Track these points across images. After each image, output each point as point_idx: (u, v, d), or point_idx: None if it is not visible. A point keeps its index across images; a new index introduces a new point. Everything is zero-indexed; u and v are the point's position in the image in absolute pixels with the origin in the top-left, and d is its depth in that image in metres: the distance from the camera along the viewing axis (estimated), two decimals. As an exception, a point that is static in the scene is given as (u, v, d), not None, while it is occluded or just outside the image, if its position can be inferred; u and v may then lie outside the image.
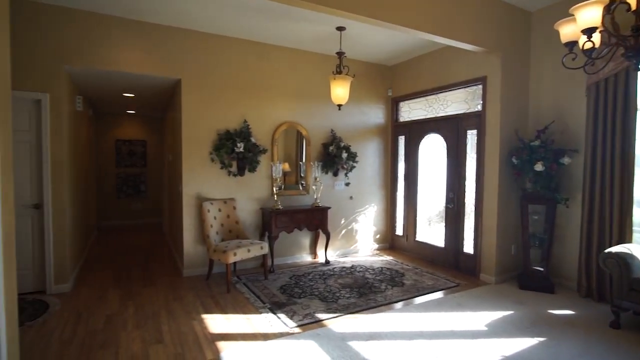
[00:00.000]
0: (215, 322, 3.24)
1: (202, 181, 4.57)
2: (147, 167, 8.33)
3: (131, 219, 8.24)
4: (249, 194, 4.87)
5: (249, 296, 3.86)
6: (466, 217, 4.80)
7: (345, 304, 3.64)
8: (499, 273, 4.32)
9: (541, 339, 2.92)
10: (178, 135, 4.74)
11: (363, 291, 4.00)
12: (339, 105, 4.51)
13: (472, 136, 4.69)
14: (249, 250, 4.13)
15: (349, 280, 4.38)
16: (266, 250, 4.35)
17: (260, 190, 4.95)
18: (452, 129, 4.92)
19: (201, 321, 3.26)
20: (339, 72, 4.41)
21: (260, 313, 3.44)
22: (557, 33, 2.30)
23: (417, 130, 5.53)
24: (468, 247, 4.76)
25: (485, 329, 3.12)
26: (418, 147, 5.51)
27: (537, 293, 3.93)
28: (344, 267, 4.90)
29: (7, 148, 2.11)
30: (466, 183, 4.78)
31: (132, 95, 5.67)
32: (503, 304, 3.67)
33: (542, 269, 4.06)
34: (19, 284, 3.82)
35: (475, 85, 4.57)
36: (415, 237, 5.61)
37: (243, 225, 4.71)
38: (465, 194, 4.78)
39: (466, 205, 4.79)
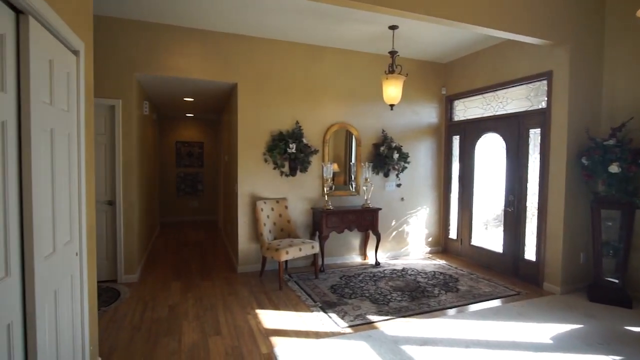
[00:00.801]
0: (269, 318, 3.34)
1: (256, 181, 4.74)
2: (204, 167, 8.79)
3: (189, 215, 8.74)
4: (300, 193, 4.95)
5: (300, 294, 3.93)
6: (527, 221, 4.50)
7: (396, 307, 3.58)
8: (565, 283, 4.00)
9: (616, 358, 2.67)
10: (234, 136, 4.95)
11: (415, 295, 3.91)
12: (391, 105, 4.45)
13: (534, 135, 4.39)
14: (300, 249, 4.21)
15: (400, 283, 4.30)
16: (317, 249, 4.40)
17: (311, 190, 5.01)
18: (512, 127, 4.65)
19: (255, 316, 3.38)
20: (392, 72, 4.35)
21: (312, 311, 3.49)
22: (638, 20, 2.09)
23: (473, 129, 5.29)
24: (529, 253, 4.46)
25: (551, 342, 2.91)
26: (474, 147, 5.27)
27: (610, 307, 3.60)
28: (394, 270, 4.82)
29: (90, 152, 2.34)
30: (528, 185, 4.48)
31: (192, 99, 6.02)
32: (571, 316, 3.39)
33: (616, 281, 3.70)
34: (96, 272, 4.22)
35: (539, 80, 4.28)
36: (470, 241, 5.37)
37: (294, 224, 4.80)
38: (527, 197, 4.49)
39: (528, 209, 4.49)
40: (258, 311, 3.49)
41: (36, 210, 1.53)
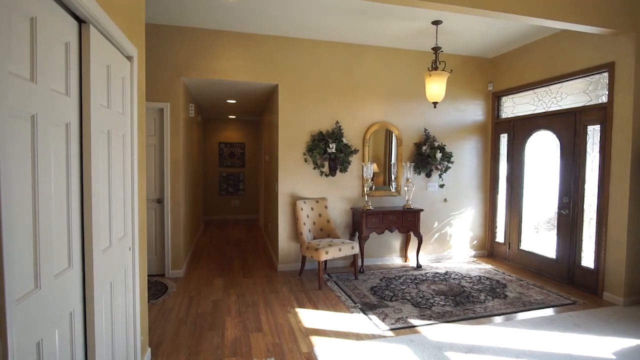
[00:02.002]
0: (309, 317, 3.35)
1: (296, 181, 4.78)
2: (245, 167, 9.03)
3: (230, 214, 9.01)
4: (340, 193, 4.94)
5: (339, 294, 3.91)
6: (585, 225, 4.18)
7: (440, 312, 3.45)
8: (629, 294, 3.67)
9: (693, 378, 2.40)
10: (275, 137, 5.03)
11: (459, 300, 3.75)
12: (435, 103, 4.31)
13: (593, 132, 4.07)
14: (340, 249, 4.19)
15: (443, 287, 4.15)
16: (357, 250, 4.36)
17: (351, 190, 4.98)
18: (567, 124, 4.34)
19: (295, 314, 3.40)
20: (435, 68, 4.22)
21: (352, 312, 3.45)
22: None
23: (522, 127, 5.00)
24: (587, 260, 4.14)
25: (613, 357, 2.67)
26: (524, 145, 4.98)
27: (684, 321, 3.25)
28: (437, 273, 4.66)
29: (142, 152, 2.46)
30: (585, 187, 4.16)
31: (234, 101, 6.20)
32: (637, 330, 3.10)
33: (691, 293, 3.33)
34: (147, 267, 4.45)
35: (599, 73, 3.96)
36: (519, 245, 5.08)
37: (334, 224, 4.79)
38: (584, 199, 4.17)
39: (585, 212, 4.17)
40: (298, 310, 3.51)
41: (95, 206, 1.63)
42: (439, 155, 5.02)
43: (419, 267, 4.91)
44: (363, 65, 4.93)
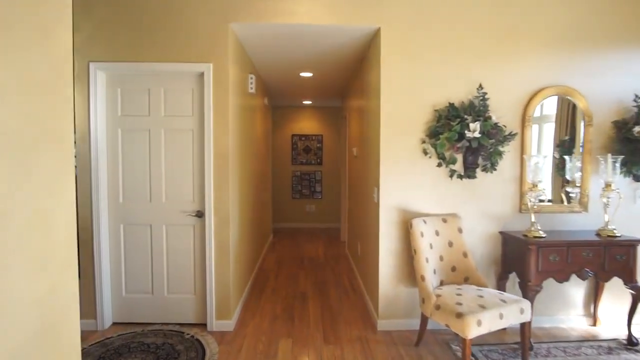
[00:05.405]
0: None
1: (407, 185, 2.93)
2: (323, 165, 7.39)
3: (305, 222, 7.44)
4: (481, 207, 2.97)
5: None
6: None
7: None
8: None
9: None
10: (373, 117, 3.24)
11: None
12: None
13: None
14: (501, 316, 2.25)
15: None
16: (528, 314, 2.37)
17: (500, 201, 2.98)
18: None
19: None
20: None
21: None
22: None
23: None
24: None
25: None
26: None
27: None
28: (684, 365, 2.45)
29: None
30: None
31: (310, 74, 4.54)
32: None
33: None
34: (180, 311, 2.98)
35: None
36: None
37: (473, 259, 2.83)
38: None
39: None
40: None
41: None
42: (672, 141, 2.76)
43: (633, 342, 2.72)
44: (525, -10, 2.89)
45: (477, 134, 2.70)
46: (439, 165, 2.91)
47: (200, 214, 2.92)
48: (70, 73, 1.22)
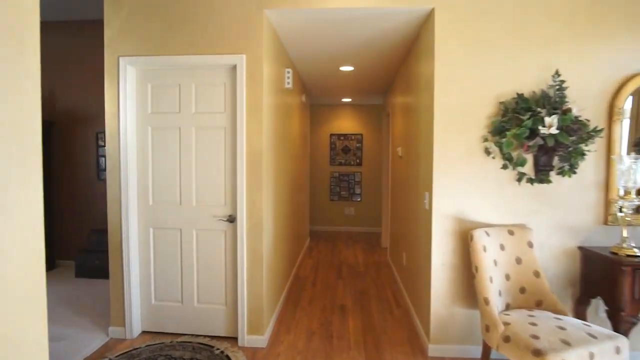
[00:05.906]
0: None
1: (464, 191, 2.53)
2: (363, 166, 7.03)
3: (343, 225, 7.12)
4: (556, 217, 2.50)
5: None
6: None
7: None
8: None
9: None
10: (424, 112, 2.86)
11: None
12: None
13: None
14: (591, 356, 1.80)
15: None
16: (626, 355, 1.90)
17: (580, 210, 2.49)
18: None
19: None
20: None
21: None
22: None
23: None
24: None
25: None
26: None
27: None
28: None
29: None
30: None
31: (351, 67, 4.21)
32: None
33: None
34: (210, 322, 2.76)
35: None
36: None
37: (546, 279, 2.37)
38: None
39: None
40: None
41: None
42: None
43: None
44: (616, -46, 2.39)
45: (553, 130, 2.25)
46: (504, 167, 2.47)
47: (232, 219, 2.69)
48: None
